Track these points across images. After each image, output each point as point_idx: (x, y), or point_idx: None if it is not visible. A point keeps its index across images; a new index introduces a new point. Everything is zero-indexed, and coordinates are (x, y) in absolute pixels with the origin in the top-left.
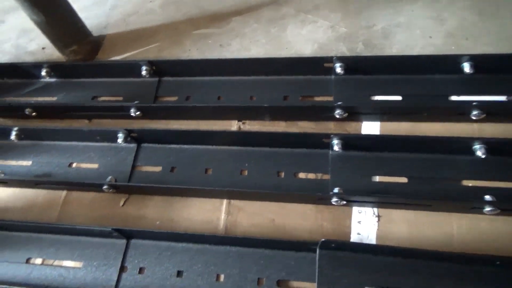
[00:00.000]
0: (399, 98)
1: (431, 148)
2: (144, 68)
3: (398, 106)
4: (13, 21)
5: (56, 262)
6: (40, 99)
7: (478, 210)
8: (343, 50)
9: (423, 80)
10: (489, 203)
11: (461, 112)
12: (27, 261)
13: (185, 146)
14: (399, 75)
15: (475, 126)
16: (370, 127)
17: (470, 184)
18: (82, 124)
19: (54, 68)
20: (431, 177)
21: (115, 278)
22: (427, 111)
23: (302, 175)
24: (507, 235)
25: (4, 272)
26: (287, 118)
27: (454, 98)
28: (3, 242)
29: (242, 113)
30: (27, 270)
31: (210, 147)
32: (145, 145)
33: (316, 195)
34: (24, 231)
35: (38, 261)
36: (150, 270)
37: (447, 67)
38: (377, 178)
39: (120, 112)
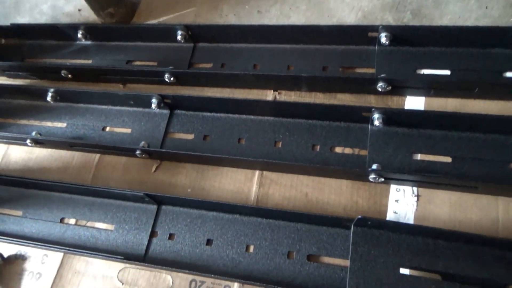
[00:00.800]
0: (447, 72)
1: (479, 127)
2: (179, 32)
3: (446, 81)
4: None
5: (89, 223)
6: (76, 61)
7: None
8: (389, 19)
9: (476, 54)
10: None
11: None
12: (61, 220)
13: (219, 115)
14: (449, 48)
15: None
16: (414, 103)
17: None
18: (116, 88)
19: (90, 30)
20: (478, 157)
21: (146, 242)
22: (478, 88)
23: (339, 149)
24: None
25: (39, 230)
26: (326, 89)
27: (509, 74)
28: (39, 201)
29: (278, 83)
30: (61, 229)
31: (244, 116)
32: (178, 111)
33: (353, 170)
34: (59, 191)
35: (72, 221)
36: (180, 236)
37: (503, 41)
38: (418, 156)
39: (154, 77)
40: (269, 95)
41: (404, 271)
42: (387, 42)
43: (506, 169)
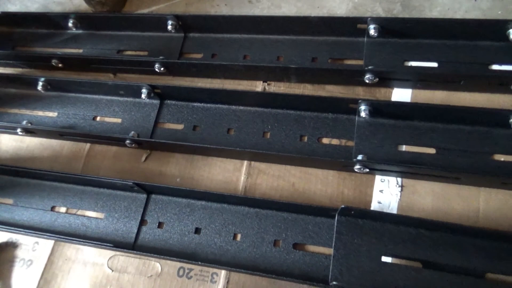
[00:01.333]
0: (435, 64)
1: (465, 119)
2: (170, 22)
3: (433, 73)
4: None
5: (80, 212)
6: (66, 50)
7: (509, 185)
8: (379, 11)
9: (463, 46)
10: None
11: (501, 83)
12: (52, 209)
13: (209, 105)
14: (437, 40)
15: None
16: (401, 95)
17: (502, 159)
18: (107, 77)
19: (81, 19)
20: (462, 149)
21: (135, 230)
22: (464, 80)
23: (326, 140)
24: None
25: (30, 218)
26: (315, 81)
27: (495, 67)
28: (30, 190)
29: (268, 74)
30: (52, 217)
31: (234, 107)
32: (169, 101)
33: (339, 161)
34: (50, 180)
35: (63, 209)
36: (169, 225)
37: (491, 33)
38: (403, 148)
39: (144, 67)
40: (258, 86)
41: (386, 259)
42: (376, 34)
43: (489, 161)
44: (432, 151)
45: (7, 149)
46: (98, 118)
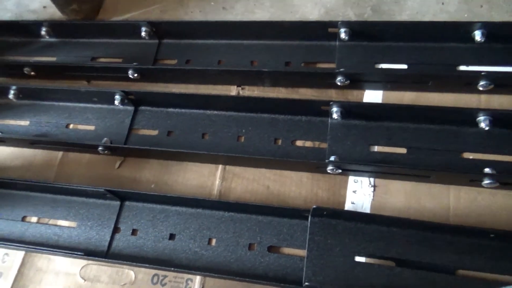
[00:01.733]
0: (404, 66)
1: (434, 119)
2: (143, 29)
3: (403, 74)
4: None
5: (52, 221)
6: (40, 58)
7: (477, 183)
8: (350, 15)
9: (432, 48)
10: (488, 175)
11: (468, 82)
12: (23, 219)
13: (183, 110)
14: (406, 42)
15: (482, 97)
16: (373, 96)
17: (471, 157)
18: (81, 85)
19: (54, 27)
20: (432, 148)
21: (108, 238)
22: (433, 80)
23: (299, 142)
24: (504, 209)
25: (0, 228)
26: (288, 84)
27: (462, 68)
28: (0, 200)
29: (242, 78)
30: (22, 227)
31: (208, 111)
32: (143, 108)
33: (312, 162)
34: (21, 189)
35: (34, 219)
36: (143, 231)
37: (457, 35)
38: (375, 148)
39: (118, 73)
40: (232, 90)
41: (359, 258)
42: (347, 37)
43: (458, 159)
44: (403, 150)
45: None
46: (71, 126)
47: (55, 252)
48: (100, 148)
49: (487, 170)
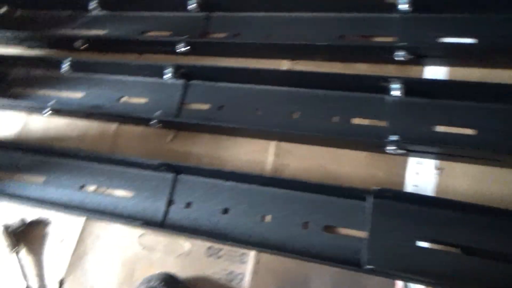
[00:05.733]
0: (472, 40)
1: (506, 98)
2: (193, 1)
3: (470, 49)
4: None
5: (108, 191)
6: (90, 32)
7: None
8: None
9: (502, 19)
10: None
11: None
12: (82, 187)
13: (234, 85)
14: (476, 14)
15: None
16: (435, 72)
17: None
18: (132, 58)
19: (103, 0)
20: (503, 130)
21: (163, 210)
22: (504, 56)
23: (356, 120)
24: None
25: (60, 196)
26: (344, 58)
27: None
28: (59, 169)
29: (294, 52)
30: (81, 196)
31: (260, 86)
32: (194, 82)
33: (371, 141)
34: (79, 159)
35: (92, 188)
36: (197, 205)
37: None
38: (440, 128)
39: (169, 47)
40: (285, 64)
41: (422, 243)
42: (408, 9)
43: None
44: (470, 131)
45: (36, 130)
46: (123, 99)
47: (114, 219)
48: (153, 122)
49: None
